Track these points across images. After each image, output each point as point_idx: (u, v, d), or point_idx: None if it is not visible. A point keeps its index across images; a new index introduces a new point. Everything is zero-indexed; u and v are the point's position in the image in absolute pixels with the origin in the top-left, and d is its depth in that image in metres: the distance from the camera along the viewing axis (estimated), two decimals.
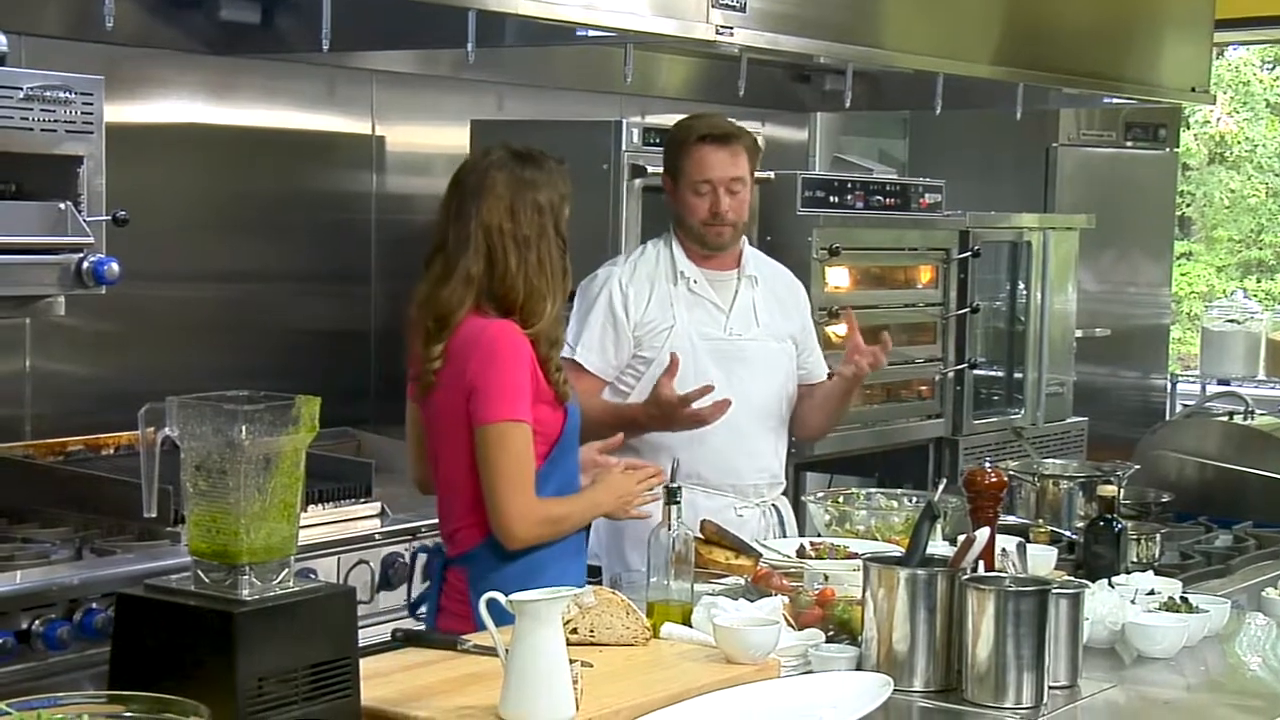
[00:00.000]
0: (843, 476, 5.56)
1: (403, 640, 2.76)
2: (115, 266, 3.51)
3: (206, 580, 2.29)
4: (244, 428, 2.24)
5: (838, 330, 5.11)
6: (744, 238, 4.00)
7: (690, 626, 2.87)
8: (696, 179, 3.83)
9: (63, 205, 3.44)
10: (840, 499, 3.78)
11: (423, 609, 3.27)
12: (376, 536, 3.95)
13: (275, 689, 2.23)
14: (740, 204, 3.87)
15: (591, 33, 4.18)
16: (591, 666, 2.53)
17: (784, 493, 4.08)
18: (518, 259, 3.08)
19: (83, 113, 3.46)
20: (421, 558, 3.39)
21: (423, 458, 3.29)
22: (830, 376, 4.08)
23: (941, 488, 3.08)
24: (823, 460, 5.34)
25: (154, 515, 2.40)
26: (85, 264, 3.48)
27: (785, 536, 3.93)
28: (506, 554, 3.08)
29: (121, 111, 4.11)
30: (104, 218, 3.52)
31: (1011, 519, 3.79)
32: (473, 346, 3.05)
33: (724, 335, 3.90)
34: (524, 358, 3.06)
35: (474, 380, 3.03)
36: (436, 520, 3.86)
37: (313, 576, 3.48)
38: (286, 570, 2.32)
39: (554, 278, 3.12)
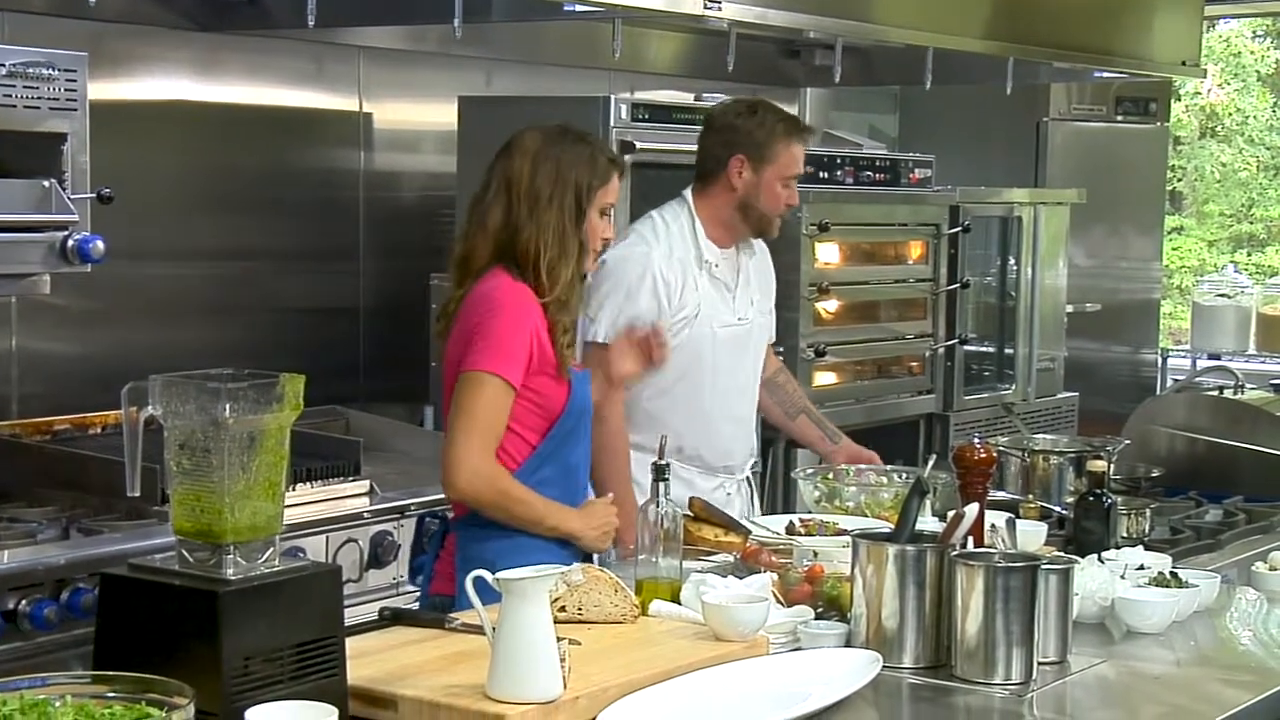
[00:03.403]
0: None
1: (390, 619, 2.76)
2: (100, 244, 3.50)
3: (191, 560, 2.27)
4: (227, 406, 2.22)
5: (827, 306, 5.11)
6: None
7: (679, 604, 2.86)
8: (790, 173, 3.84)
9: (47, 183, 3.42)
10: (830, 475, 3.78)
11: (420, 578, 3.27)
12: (365, 515, 3.94)
13: (261, 668, 2.22)
14: None
15: (579, 7, 4.16)
16: (580, 644, 2.52)
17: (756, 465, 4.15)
18: (529, 213, 3.09)
19: (66, 89, 3.44)
20: (427, 522, 3.38)
21: None
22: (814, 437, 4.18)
23: (931, 463, 3.07)
24: None
25: (138, 494, 2.38)
26: (70, 242, 3.47)
27: (754, 506, 4.02)
28: (494, 527, 3.07)
29: (106, 88, 4.09)
30: (89, 195, 3.50)
31: (1001, 494, 3.79)
32: (481, 300, 3.07)
33: (734, 321, 3.91)
34: (527, 321, 3.06)
35: (472, 331, 3.04)
36: (425, 499, 3.90)
37: (301, 555, 3.47)
38: (272, 549, 2.31)
39: (569, 245, 3.11)
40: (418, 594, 3.30)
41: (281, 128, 4.72)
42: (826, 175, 5.15)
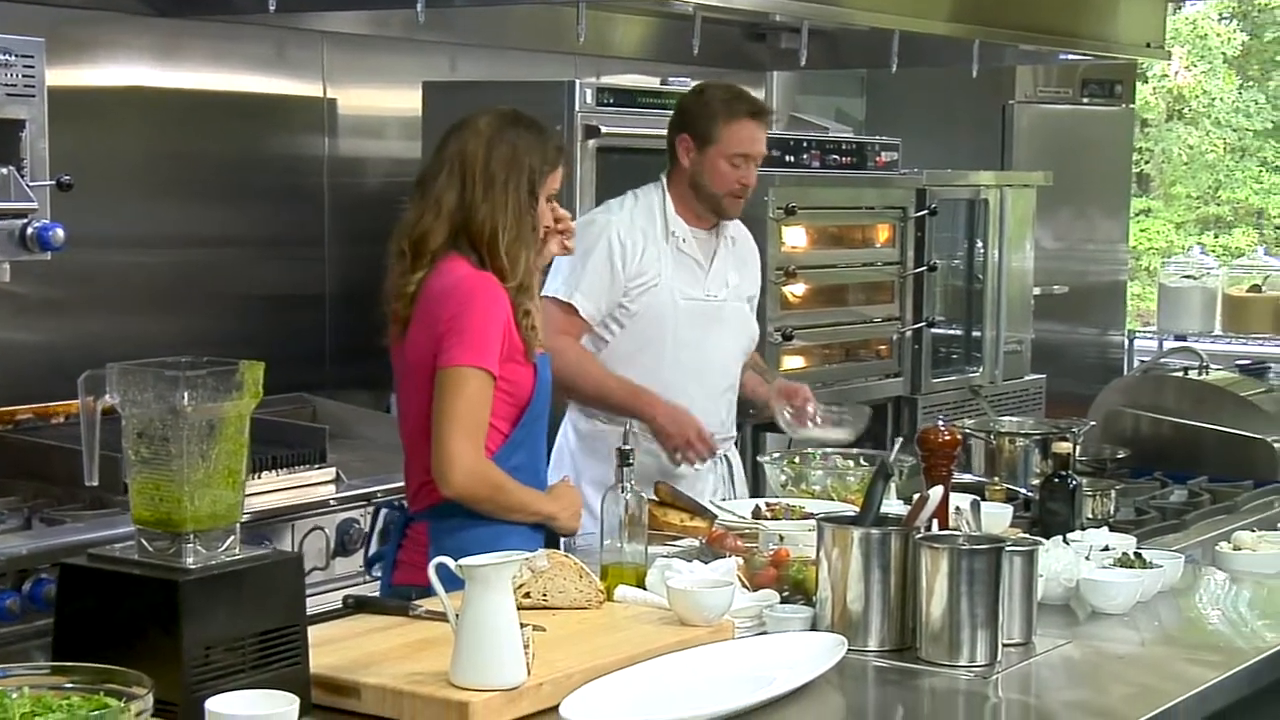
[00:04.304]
0: None
1: (354, 607, 2.74)
2: (60, 232, 3.48)
3: (150, 549, 2.26)
4: (186, 394, 2.20)
5: (794, 290, 5.11)
6: None
7: (644, 589, 2.85)
8: (735, 151, 3.86)
9: (5, 170, 3.40)
10: (796, 459, 3.78)
11: (377, 568, 3.26)
12: (331, 502, 3.93)
13: (222, 658, 2.21)
14: (755, 178, 3.97)
15: None
16: (544, 630, 2.52)
17: (735, 443, 4.14)
18: (484, 194, 3.06)
19: (24, 76, 3.42)
20: (385, 513, 3.35)
21: None
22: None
23: (897, 446, 3.06)
24: None
25: (96, 483, 2.36)
26: (30, 230, 3.45)
27: (734, 484, 4.01)
28: (471, 517, 3.05)
29: (65, 75, 4.05)
30: (48, 183, 3.48)
31: (968, 477, 3.79)
32: (450, 293, 3.03)
33: (703, 296, 3.94)
34: (500, 311, 3.04)
35: (446, 326, 3.01)
36: (391, 486, 3.88)
37: (267, 544, 3.46)
38: (232, 538, 2.29)
39: (524, 228, 3.09)
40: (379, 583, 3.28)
41: (245, 114, 4.68)
42: (793, 159, 5.14)
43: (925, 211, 5.53)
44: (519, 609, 2.40)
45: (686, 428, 3.79)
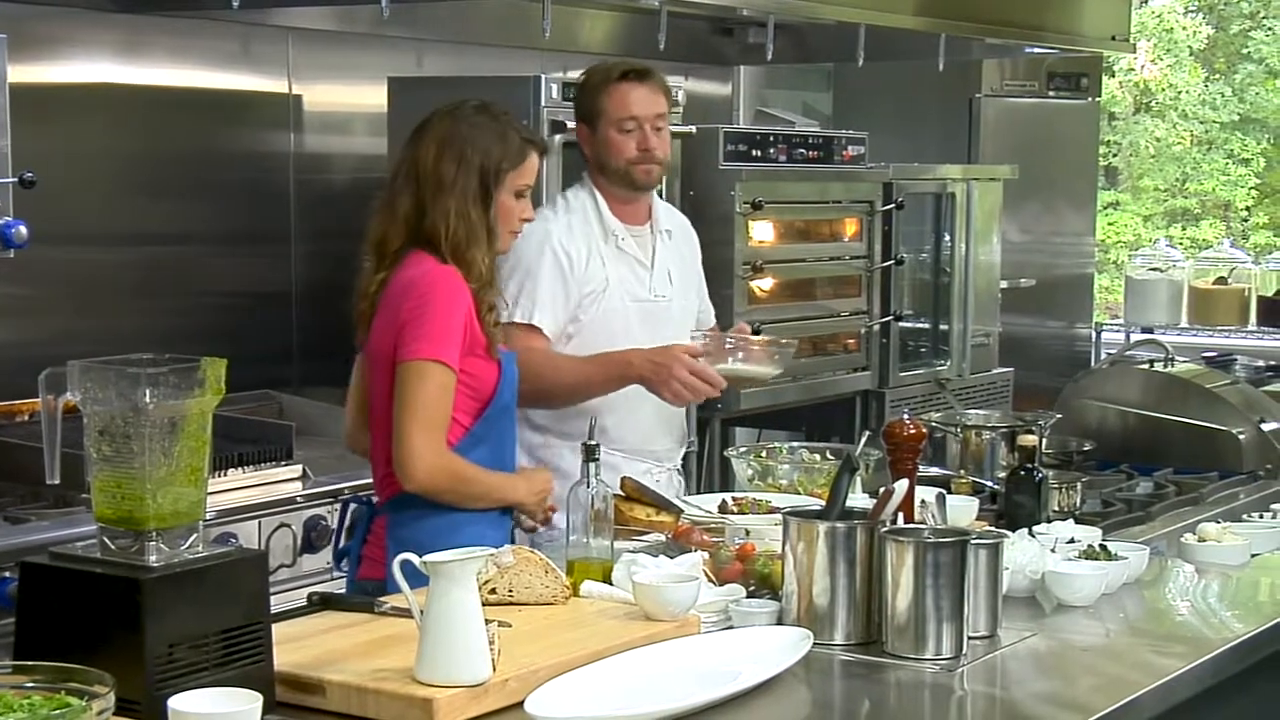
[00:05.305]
0: (771, 431, 5.55)
1: (319, 604, 2.74)
2: (23, 229, 3.47)
3: (113, 547, 2.25)
4: (147, 391, 2.20)
5: (762, 285, 5.11)
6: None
7: (610, 584, 2.85)
8: (621, 116, 3.71)
9: None
10: (763, 453, 3.78)
11: (346, 562, 3.25)
12: (298, 499, 3.92)
13: (186, 655, 2.21)
14: (665, 142, 3.78)
15: None
16: (510, 626, 2.51)
17: (680, 464, 4.00)
18: (433, 197, 3.07)
19: None
20: (353, 507, 3.34)
21: (360, 410, 3.25)
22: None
23: (864, 440, 3.06)
24: (751, 415, 5.34)
25: (57, 482, 2.35)
26: None
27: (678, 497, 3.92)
28: (427, 507, 3.05)
29: (27, 71, 4.03)
30: (10, 180, 3.46)
31: (934, 470, 3.80)
32: (413, 285, 3.03)
33: (650, 296, 3.81)
34: (461, 304, 3.04)
35: (407, 317, 3.01)
36: (358, 482, 3.88)
37: (233, 541, 3.45)
38: (195, 535, 2.28)
39: (475, 229, 3.08)
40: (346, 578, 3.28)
41: (209, 111, 4.66)
42: (760, 153, 5.14)
43: (892, 205, 5.54)
44: (484, 605, 2.40)
45: (671, 365, 3.56)
